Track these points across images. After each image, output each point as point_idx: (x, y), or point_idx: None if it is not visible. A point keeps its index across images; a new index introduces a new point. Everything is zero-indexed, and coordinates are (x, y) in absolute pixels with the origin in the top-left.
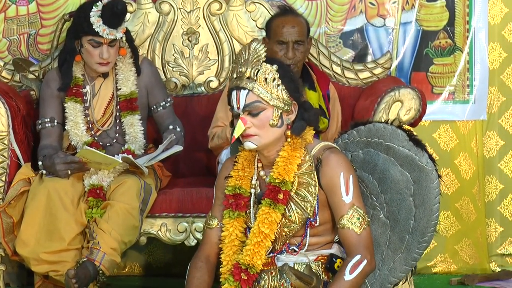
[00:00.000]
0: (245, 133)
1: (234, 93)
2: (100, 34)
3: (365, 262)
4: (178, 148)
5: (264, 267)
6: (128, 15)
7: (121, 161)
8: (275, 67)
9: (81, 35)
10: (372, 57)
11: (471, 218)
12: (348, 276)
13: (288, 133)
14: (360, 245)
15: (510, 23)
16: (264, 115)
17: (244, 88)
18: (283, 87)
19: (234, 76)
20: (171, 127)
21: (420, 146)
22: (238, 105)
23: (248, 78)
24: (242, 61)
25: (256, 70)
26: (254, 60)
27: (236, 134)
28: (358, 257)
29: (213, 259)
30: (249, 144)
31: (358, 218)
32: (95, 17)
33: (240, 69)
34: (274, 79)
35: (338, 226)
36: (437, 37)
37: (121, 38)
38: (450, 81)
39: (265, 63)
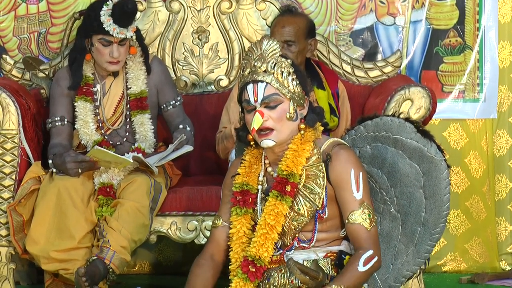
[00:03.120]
0: (263, 126)
1: (250, 86)
2: (111, 33)
3: (376, 258)
4: (188, 148)
5: (273, 265)
6: (138, 14)
7: (132, 161)
8: (289, 61)
9: (91, 34)
10: (382, 55)
11: (481, 217)
12: (361, 268)
13: (302, 125)
14: (370, 241)
15: None
16: (281, 108)
17: (262, 81)
18: (298, 82)
19: (247, 71)
20: (181, 126)
21: (428, 137)
22: (255, 98)
23: (265, 71)
24: (255, 56)
25: (273, 64)
26: (270, 55)
27: (256, 126)
28: (371, 252)
29: (217, 257)
30: (267, 142)
31: (369, 215)
32: (105, 16)
33: (255, 64)
34: (289, 73)
35: (347, 221)
36: (447, 35)
37: (131, 37)
38: (460, 79)
39: (281, 57)
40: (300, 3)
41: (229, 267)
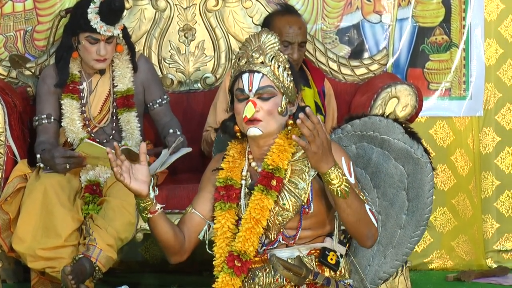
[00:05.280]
0: (253, 117)
1: (246, 75)
2: (98, 31)
3: (377, 225)
4: (187, 149)
5: (257, 264)
6: (124, 12)
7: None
8: (286, 57)
9: (78, 31)
10: (369, 53)
11: (467, 215)
12: (367, 208)
13: (290, 122)
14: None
15: (506, 20)
16: (274, 101)
17: (259, 72)
18: (292, 78)
19: (244, 61)
20: (171, 131)
21: (415, 139)
22: (250, 87)
23: (262, 63)
24: (253, 47)
25: (271, 57)
26: (269, 47)
27: (248, 114)
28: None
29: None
30: (254, 130)
31: (366, 198)
32: (92, 14)
33: (253, 54)
34: (285, 68)
35: None
36: (433, 33)
37: (118, 35)
38: (446, 77)
39: (278, 51)
40: (287, 0)
41: (214, 263)
